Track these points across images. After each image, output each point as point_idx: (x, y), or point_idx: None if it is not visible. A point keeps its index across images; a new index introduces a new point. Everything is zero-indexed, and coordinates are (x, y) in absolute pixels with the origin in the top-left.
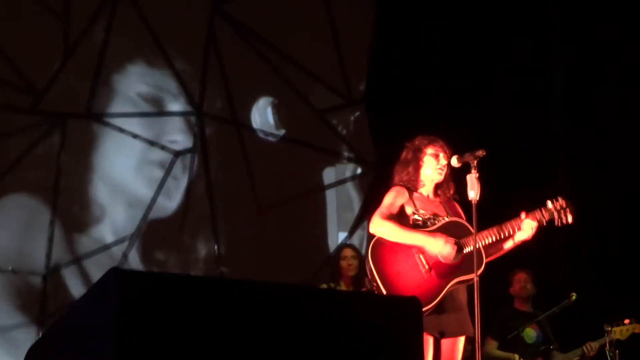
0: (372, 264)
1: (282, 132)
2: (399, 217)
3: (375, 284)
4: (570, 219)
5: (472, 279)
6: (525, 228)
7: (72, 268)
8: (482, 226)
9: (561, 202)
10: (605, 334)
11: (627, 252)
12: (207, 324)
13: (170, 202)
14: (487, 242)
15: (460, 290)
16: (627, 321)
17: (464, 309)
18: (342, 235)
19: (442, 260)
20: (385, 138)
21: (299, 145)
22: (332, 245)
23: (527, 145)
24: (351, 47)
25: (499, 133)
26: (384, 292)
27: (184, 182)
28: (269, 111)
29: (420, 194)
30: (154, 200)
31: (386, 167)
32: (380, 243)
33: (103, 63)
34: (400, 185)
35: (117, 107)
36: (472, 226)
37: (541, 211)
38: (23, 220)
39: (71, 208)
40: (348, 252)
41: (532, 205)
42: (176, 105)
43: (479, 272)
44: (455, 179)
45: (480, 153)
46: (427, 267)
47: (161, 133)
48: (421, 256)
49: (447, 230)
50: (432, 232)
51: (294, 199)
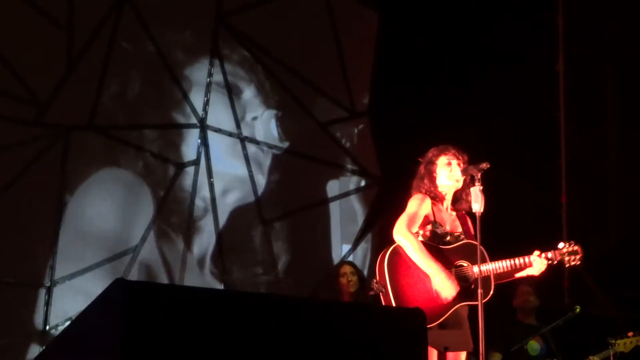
0: (387, 270)
1: (286, 144)
2: (422, 227)
3: (384, 291)
4: (578, 262)
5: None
6: (536, 266)
7: (76, 280)
8: (485, 237)
9: (573, 246)
10: (609, 347)
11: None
12: (211, 335)
13: (173, 214)
14: (497, 272)
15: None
16: (630, 334)
17: (465, 325)
18: (345, 248)
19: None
20: (389, 150)
21: (303, 158)
22: (336, 257)
23: (531, 156)
24: (355, 59)
25: (503, 145)
26: (393, 301)
27: (187, 194)
28: (273, 124)
29: (441, 206)
30: (158, 212)
31: (390, 180)
32: (400, 253)
33: (107, 74)
34: (424, 194)
35: (120, 119)
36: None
37: (554, 253)
38: (27, 232)
39: (75, 220)
40: (347, 269)
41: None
42: (180, 117)
43: (486, 299)
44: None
45: (485, 165)
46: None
47: (165, 145)
48: None
49: (462, 252)
50: (447, 270)
51: (297, 211)
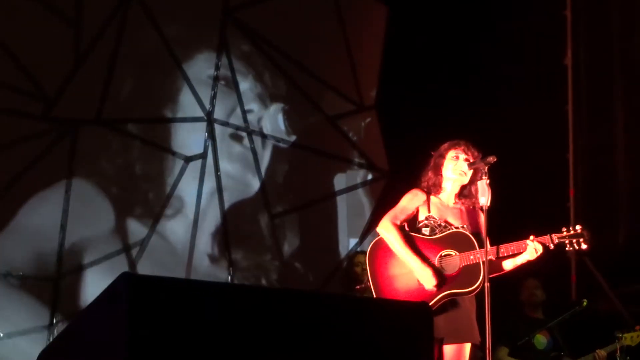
0: (368, 265)
1: (294, 138)
2: (411, 221)
3: (368, 284)
4: (584, 246)
5: (467, 292)
6: (529, 250)
7: (83, 273)
8: (492, 231)
9: (578, 229)
10: (616, 340)
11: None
12: (217, 328)
13: (181, 208)
14: (485, 259)
15: (466, 297)
16: (637, 328)
17: (467, 316)
18: (352, 242)
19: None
20: (396, 144)
21: (310, 152)
22: (343, 251)
23: (539, 150)
24: (362, 53)
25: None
26: (374, 293)
27: (195, 188)
28: (280, 117)
29: (440, 199)
30: (165, 206)
31: (397, 173)
32: (381, 245)
33: (114, 69)
34: (419, 188)
35: (128, 113)
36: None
37: (551, 237)
38: (34, 225)
39: (82, 214)
40: (362, 259)
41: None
42: (187, 111)
43: (475, 287)
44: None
45: (492, 159)
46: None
47: (172, 139)
48: None
49: (448, 241)
50: (428, 249)
51: (304, 205)
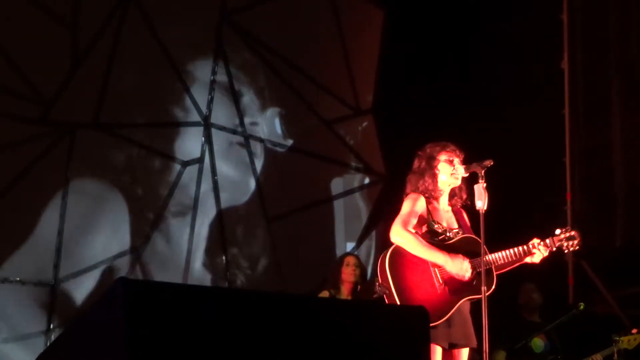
0: (389, 272)
1: (290, 142)
2: (418, 227)
3: (388, 292)
4: (577, 247)
5: (480, 298)
6: (537, 254)
7: (79, 278)
8: (489, 235)
9: (570, 231)
10: (613, 344)
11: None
12: (214, 333)
13: (177, 212)
14: (498, 264)
15: (465, 303)
16: (634, 331)
17: (468, 322)
18: (350, 245)
19: (457, 277)
20: (393, 148)
21: (307, 156)
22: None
23: (535, 153)
24: (359, 57)
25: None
26: (398, 301)
27: (192, 192)
28: (277, 121)
29: (438, 203)
30: (162, 210)
31: (394, 177)
32: (400, 252)
33: (111, 73)
34: (418, 193)
35: (125, 117)
36: (479, 237)
37: (552, 240)
38: (31, 230)
39: (79, 218)
40: (352, 260)
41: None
42: (184, 115)
43: (490, 292)
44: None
45: (488, 163)
46: (441, 282)
47: (169, 143)
48: (437, 270)
49: (461, 247)
50: (451, 253)
51: (302, 209)
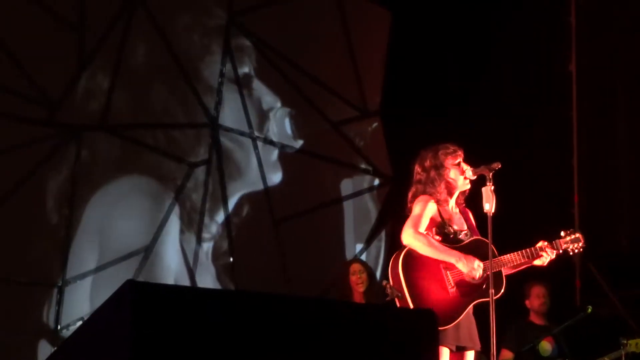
0: (402, 274)
1: (298, 144)
2: (429, 229)
3: (401, 294)
4: (581, 249)
5: (488, 300)
6: (544, 257)
7: (86, 280)
8: (497, 237)
9: (574, 234)
10: (621, 347)
11: None
12: (222, 336)
13: (185, 214)
14: (507, 266)
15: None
16: None
17: (474, 324)
18: (359, 247)
19: (467, 279)
20: (401, 150)
21: (315, 157)
22: (349, 256)
23: (543, 156)
24: (367, 59)
25: (516, 145)
26: (411, 304)
27: (199, 194)
28: (285, 123)
29: (448, 207)
30: (169, 212)
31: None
32: (412, 255)
33: (118, 74)
34: (428, 195)
35: (132, 119)
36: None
37: (558, 242)
38: (39, 231)
39: (86, 220)
40: (357, 267)
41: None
42: (192, 116)
43: (499, 295)
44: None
45: (496, 165)
46: (452, 284)
47: (177, 145)
48: (448, 273)
49: (473, 249)
50: (465, 253)
51: (310, 210)
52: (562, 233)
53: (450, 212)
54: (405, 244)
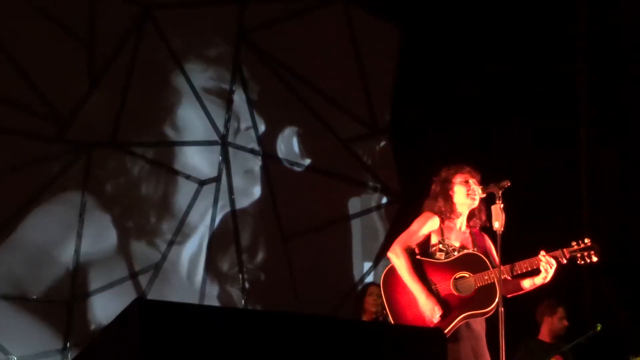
0: (383, 291)
1: (307, 161)
2: (423, 245)
3: (385, 312)
4: (594, 259)
5: (485, 312)
6: (542, 269)
7: (96, 297)
8: (506, 255)
9: (587, 242)
10: None
11: None
12: (231, 354)
13: (195, 231)
14: (500, 278)
15: (477, 320)
16: None
17: (480, 340)
18: (367, 265)
19: (456, 293)
20: (410, 167)
21: (324, 175)
22: (357, 275)
23: (552, 174)
24: (376, 76)
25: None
26: (392, 321)
27: (208, 211)
28: (295, 140)
29: (454, 224)
30: (179, 229)
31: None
32: (393, 273)
33: (128, 91)
34: (433, 212)
35: (142, 135)
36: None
37: (562, 251)
38: (48, 248)
39: (95, 237)
40: (375, 290)
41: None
42: (202, 134)
43: (491, 307)
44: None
45: (505, 183)
46: (440, 298)
47: (186, 162)
48: (436, 287)
49: (462, 263)
50: (441, 271)
51: (319, 228)
52: (573, 243)
53: (455, 230)
54: (388, 256)
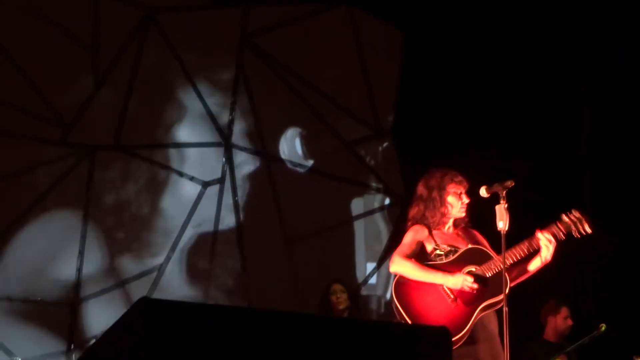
0: (397, 303)
1: (310, 163)
2: (420, 255)
3: (404, 322)
4: (588, 229)
5: (500, 300)
6: (543, 246)
7: (100, 298)
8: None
9: (576, 214)
10: None
11: None
12: (235, 353)
13: (198, 232)
14: (509, 264)
15: (492, 320)
16: None
17: (496, 339)
18: (370, 266)
19: (466, 290)
20: (413, 169)
21: (327, 176)
22: (360, 276)
23: (555, 174)
24: (379, 78)
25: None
26: None
27: (212, 213)
28: (297, 142)
29: (441, 230)
30: (182, 231)
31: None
32: (403, 282)
33: (131, 94)
34: (420, 224)
35: (145, 138)
36: (494, 253)
37: (557, 225)
38: (52, 250)
39: (99, 239)
40: (337, 287)
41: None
42: (205, 136)
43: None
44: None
45: (509, 183)
46: (452, 296)
47: (190, 163)
48: (445, 287)
49: (466, 258)
50: (449, 270)
51: (322, 230)
52: (563, 215)
53: (444, 234)
54: (393, 272)
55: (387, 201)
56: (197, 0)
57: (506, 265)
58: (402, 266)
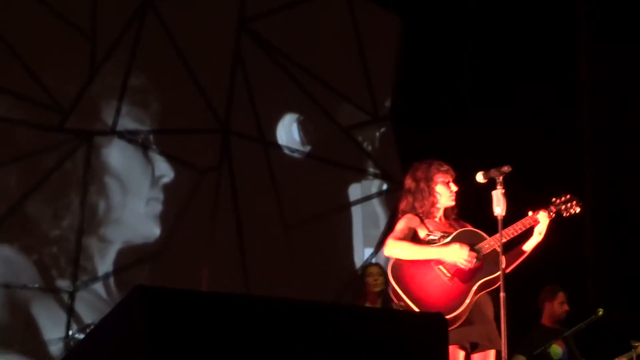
0: (395, 284)
1: (308, 148)
2: (412, 240)
3: (403, 304)
4: (577, 209)
5: (496, 278)
6: (542, 219)
7: (97, 286)
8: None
9: (565, 195)
10: (632, 349)
11: None
12: (234, 341)
13: (196, 219)
14: (500, 243)
15: (487, 304)
16: None
17: (492, 323)
18: (368, 252)
19: (462, 266)
20: (411, 154)
21: (325, 162)
22: (358, 261)
23: (554, 159)
24: (377, 63)
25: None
26: (415, 308)
27: (210, 199)
28: (295, 128)
29: (432, 218)
30: (180, 217)
31: None
32: (399, 263)
33: (129, 80)
34: (413, 214)
35: (143, 124)
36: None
37: (549, 206)
38: (50, 237)
39: (97, 225)
40: (374, 270)
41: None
42: (202, 122)
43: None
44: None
45: (506, 169)
46: (449, 275)
47: (187, 150)
48: (441, 267)
49: (460, 239)
50: (445, 244)
51: (320, 215)
52: (554, 199)
53: (436, 222)
54: (387, 256)
55: (385, 186)
56: None
57: (499, 244)
58: (397, 247)
